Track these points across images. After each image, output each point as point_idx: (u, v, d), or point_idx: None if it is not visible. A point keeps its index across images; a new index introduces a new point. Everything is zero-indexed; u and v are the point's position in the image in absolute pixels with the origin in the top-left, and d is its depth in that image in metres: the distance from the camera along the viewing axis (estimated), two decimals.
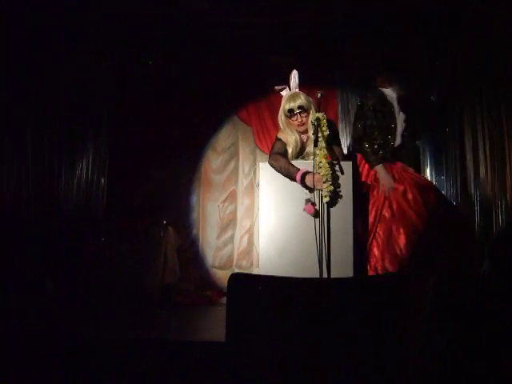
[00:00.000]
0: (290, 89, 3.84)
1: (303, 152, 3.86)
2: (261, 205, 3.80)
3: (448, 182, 5.70)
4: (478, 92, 5.04)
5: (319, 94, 3.63)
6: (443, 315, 1.38)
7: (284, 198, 3.70)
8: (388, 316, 1.75)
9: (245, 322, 1.93)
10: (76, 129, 5.43)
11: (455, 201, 5.34)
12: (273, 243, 3.67)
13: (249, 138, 6.45)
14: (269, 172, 3.75)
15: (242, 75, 6.32)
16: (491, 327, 1.30)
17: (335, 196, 3.54)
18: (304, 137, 3.85)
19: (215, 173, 6.45)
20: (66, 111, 5.21)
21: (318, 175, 3.50)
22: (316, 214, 3.54)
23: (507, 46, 4.50)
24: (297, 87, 3.83)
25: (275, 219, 3.70)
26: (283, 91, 3.86)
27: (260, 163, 3.91)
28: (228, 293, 2.05)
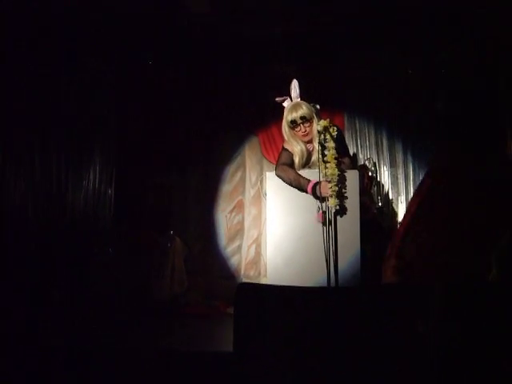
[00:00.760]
0: (292, 99, 3.79)
1: (310, 161, 3.82)
2: (268, 214, 3.79)
3: None
4: None
5: (317, 107, 3.66)
6: (450, 322, 1.37)
7: (291, 208, 3.69)
8: (397, 324, 1.74)
9: (252, 332, 1.92)
10: (83, 140, 5.46)
11: None
12: (280, 253, 3.65)
13: (255, 148, 6.46)
14: (276, 182, 3.74)
15: (247, 86, 6.36)
16: (499, 334, 1.29)
17: (342, 204, 3.53)
18: (310, 146, 3.80)
19: (222, 183, 6.46)
20: (73, 123, 5.25)
21: (327, 183, 3.48)
22: (323, 222, 3.51)
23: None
24: (298, 97, 3.77)
25: (282, 229, 3.68)
26: (285, 102, 3.82)
27: (267, 173, 3.88)
28: (235, 303, 2.04)
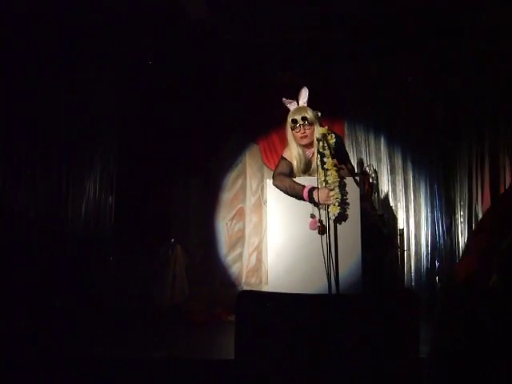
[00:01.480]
0: (298, 104, 3.82)
1: (309, 168, 3.82)
2: (269, 222, 3.79)
3: None
4: None
5: (319, 114, 3.67)
6: (451, 329, 1.37)
7: (292, 215, 3.68)
8: (398, 332, 1.74)
9: (254, 340, 1.92)
10: (83, 148, 5.47)
11: None
12: (281, 260, 3.65)
13: (256, 156, 6.47)
14: (276, 189, 3.74)
15: (248, 94, 6.37)
16: (500, 340, 1.29)
17: (343, 211, 3.52)
18: (309, 153, 3.80)
19: (223, 191, 6.46)
20: (73, 131, 5.25)
21: (326, 190, 3.48)
22: (321, 231, 3.51)
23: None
24: (305, 104, 3.80)
25: (283, 236, 3.68)
26: (291, 105, 3.85)
27: (267, 180, 3.89)
28: (237, 310, 2.04)
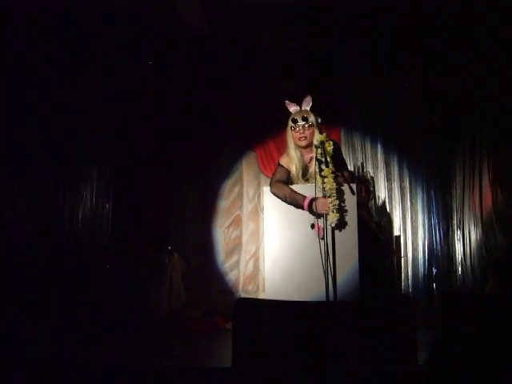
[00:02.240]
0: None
1: (307, 174, 3.83)
2: (266, 229, 3.79)
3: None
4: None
5: (319, 120, 3.68)
6: (449, 335, 1.37)
7: (289, 222, 3.69)
8: (396, 338, 1.74)
9: (251, 347, 1.91)
10: (81, 154, 5.47)
11: None
12: (278, 267, 3.65)
13: (253, 163, 6.46)
14: (273, 196, 3.75)
15: (245, 101, 6.38)
16: (495, 346, 1.29)
17: (341, 218, 3.53)
18: (307, 158, 3.81)
19: (220, 198, 6.45)
20: (71, 136, 5.26)
21: (323, 199, 3.49)
22: (321, 237, 3.51)
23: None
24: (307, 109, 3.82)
25: (280, 243, 3.68)
26: (292, 107, 3.85)
27: (264, 187, 3.89)
28: (234, 318, 2.04)
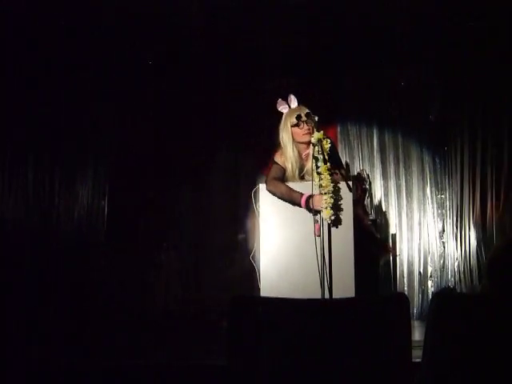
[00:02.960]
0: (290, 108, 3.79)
1: (303, 170, 3.80)
2: (261, 227, 3.79)
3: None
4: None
5: (316, 118, 3.66)
6: (443, 334, 1.37)
7: (284, 220, 3.69)
8: (391, 336, 1.74)
9: (247, 345, 1.91)
10: (77, 152, 5.46)
11: None
12: (274, 265, 3.65)
13: (251, 163, 6.45)
14: (269, 194, 3.74)
15: (243, 99, 6.38)
16: (490, 346, 1.29)
17: (336, 216, 3.52)
18: (304, 155, 3.79)
19: (216, 196, 6.44)
20: (67, 135, 5.24)
21: (320, 195, 3.47)
22: (318, 235, 3.50)
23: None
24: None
25: (276, 241, 3.68)
26: (284, 109, 3.81)
27: (260, 185, 3.88)
28: (229, 315, 2.03)
